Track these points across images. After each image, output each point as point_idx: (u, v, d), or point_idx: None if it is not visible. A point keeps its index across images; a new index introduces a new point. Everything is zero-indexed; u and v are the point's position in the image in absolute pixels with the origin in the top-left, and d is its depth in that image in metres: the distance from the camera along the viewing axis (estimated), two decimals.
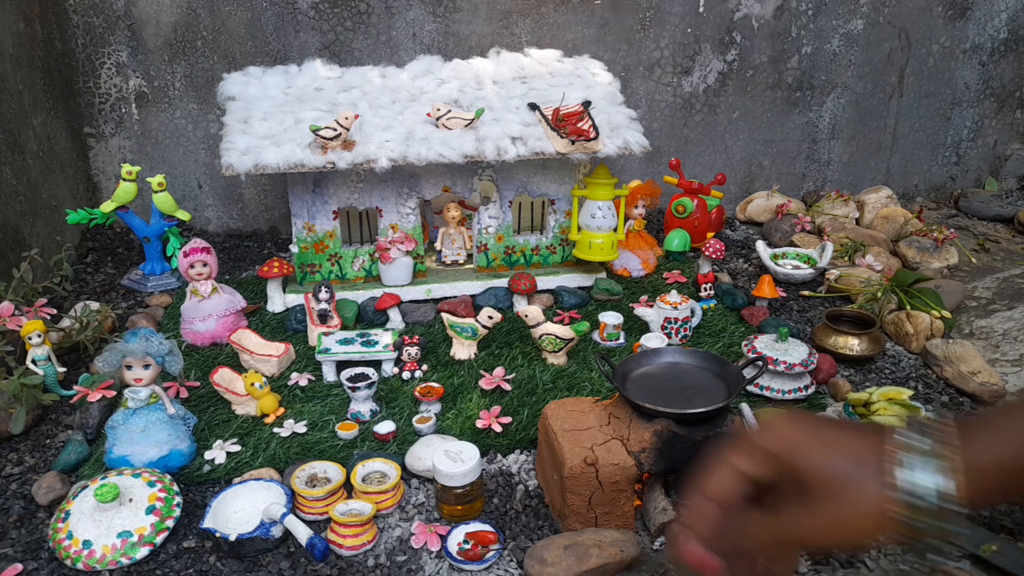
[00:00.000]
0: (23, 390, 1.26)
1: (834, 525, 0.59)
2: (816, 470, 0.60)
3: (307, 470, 1.13)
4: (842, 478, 0.59)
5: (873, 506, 0.58)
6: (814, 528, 0.60)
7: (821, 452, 0.60)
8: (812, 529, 0.61)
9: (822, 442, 0.61)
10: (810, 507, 0.60)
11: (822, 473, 0.60)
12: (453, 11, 2.00)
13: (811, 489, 0.60)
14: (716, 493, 0.64)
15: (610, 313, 1.55)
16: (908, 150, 2.42)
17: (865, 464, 0.58)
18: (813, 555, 1.02)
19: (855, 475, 0.58)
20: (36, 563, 1.01)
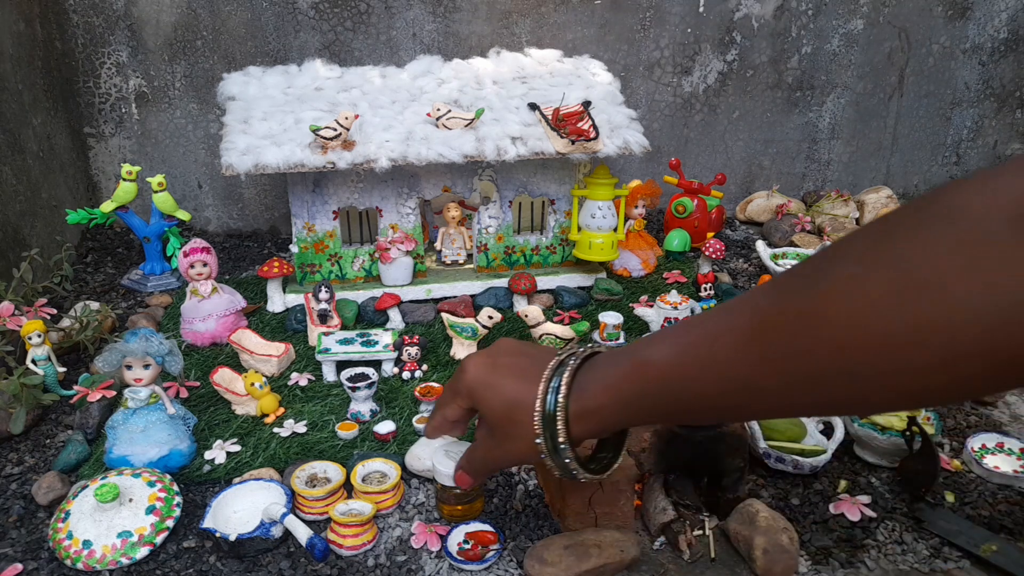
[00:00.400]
0: (23, 390, 1.26)
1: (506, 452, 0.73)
2: (488, 412, 0.73)
3: (307, 470, 1.13)
4: (506, 420, 0.71)
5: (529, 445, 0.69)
6: (494, 454, 0.75)
7: (494, 388, 0.72)
8: (493, 454, 0.75)
9: (496, 377, 0.72)
10: (490, 437, 0.74)
11: (492, 415, 0.72)
12: (453, 11, 2.00)
13: (488, 421, 0.73)
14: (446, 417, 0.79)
15: (610, 313, 1.55)
16: (908, 150, 2.42)
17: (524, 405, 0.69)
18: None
19: (515, 418, 0.70)
20: (36, 563, 1.01)
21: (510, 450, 0.74)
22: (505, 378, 0.72)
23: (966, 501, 1.13)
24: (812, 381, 0.49)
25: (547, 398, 0.67)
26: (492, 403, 0.72)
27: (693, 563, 1.02)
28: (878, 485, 1.16)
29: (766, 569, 0.97)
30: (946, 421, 1.32)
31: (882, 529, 1.07)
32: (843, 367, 0.47)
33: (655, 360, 0.60)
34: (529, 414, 0.68)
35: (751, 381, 0.53)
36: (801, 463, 1.14)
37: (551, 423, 0.67)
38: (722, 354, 0.54)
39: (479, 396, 0.74)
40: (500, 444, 0.74)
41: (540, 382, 0.68)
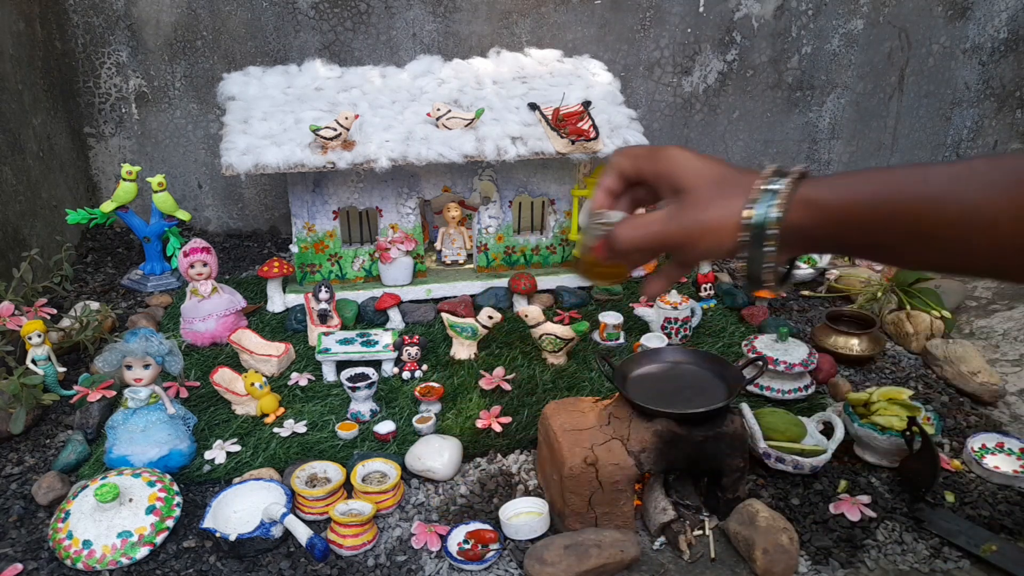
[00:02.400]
0: (23, 390, 1.26)
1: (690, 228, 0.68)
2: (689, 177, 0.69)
3: (307, 470, 1.13)
4: (713, 192, 0.68)
5: (730, 221, 0.66)
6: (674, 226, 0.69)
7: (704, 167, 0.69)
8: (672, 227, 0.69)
9: (708, 162, 0.69)
10: (678, 207, 0.69)
11: (695, 180, 0.68)
12: (453, 11, 2.00)
13: (681, 193, 0.69)
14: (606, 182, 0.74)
15: (610, 313, 1.55)
16: (908, 150, 2.42)
17: (735, 188, 0.67)
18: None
19: (724, 193, 0.67)
20: (36, 563, 1.01)
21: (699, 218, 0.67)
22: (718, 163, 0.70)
23: (966, 501, 1.13)
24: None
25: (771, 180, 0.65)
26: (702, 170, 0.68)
27: (693, 563, 1.02)
28: (878, 485, 1.16)
29: (766, 569, 0.97)
30: (946, 421, 1.32)
31: (882, 529, 1.07)
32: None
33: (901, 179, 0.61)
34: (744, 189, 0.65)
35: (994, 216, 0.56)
36: (801, 463, 1.14)
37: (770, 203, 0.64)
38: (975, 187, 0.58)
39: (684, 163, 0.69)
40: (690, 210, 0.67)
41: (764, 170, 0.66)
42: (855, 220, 0.63)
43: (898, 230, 0.61)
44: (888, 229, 0.62)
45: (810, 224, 0.64)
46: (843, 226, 0.63)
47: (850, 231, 0.64)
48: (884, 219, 0.61)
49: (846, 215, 0.63)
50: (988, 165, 0.58)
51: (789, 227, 0.64)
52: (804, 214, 0.64)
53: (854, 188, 0.63)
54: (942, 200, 0.58)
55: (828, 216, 0.64)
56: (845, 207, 0.63)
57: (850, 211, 0.62)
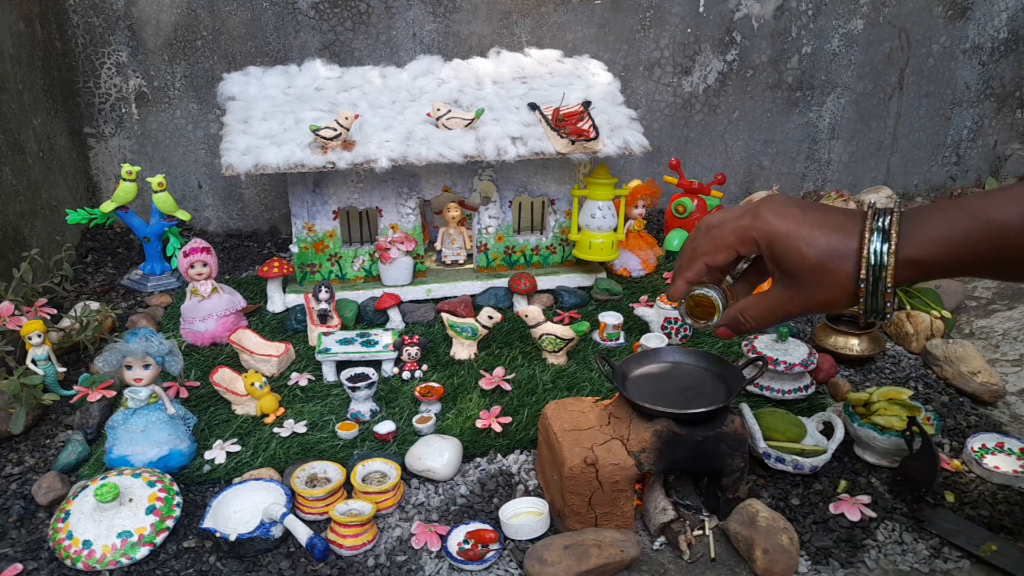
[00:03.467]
0: (23, 390, 1.26)
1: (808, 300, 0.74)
2: (795, 262, 0.72)
3: (307, 470, 1.13)
4: (820, 270, 0.71)
5: (845, 292, 0.71)
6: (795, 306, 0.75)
7: (803, 246, 0.72)
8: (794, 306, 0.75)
9: (805, 236, 0.72)
10: (791, 290, 0.74)
11: (801, 266, 0.72)
12: (453, 11, 2.00)
13: (790, 277, 0.73)
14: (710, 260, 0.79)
15: (610, 313, 1.55)
16: (908, 150, 2.42)
17: (843, 255, 0.71)
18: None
19: (831, 268, 0.71)
20: (36, 563, 1.01)
21: (816, 297, 0.73)
22: (816, 227, 0.72)
23: (966, 501, 1.13)
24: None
25: (873, 245, 0.69)
26: (804, 252, 0.72)
27: (693, 563, 1.02)
28: (878, 485, 1.16)
29: (766, 569, 0.97)
30: (946, 421, 1.32)
31: (882, 529, 1.07)
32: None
33: (1000, 219, 0.66)
34: (851, 260, 0.70)
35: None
36: (801, 463, 1.14)
37: (879, 269, 0.69)
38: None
39: (784, 246, 0.72)
40: (805, 293, 0.73)
41: (860, 231, 0.70)
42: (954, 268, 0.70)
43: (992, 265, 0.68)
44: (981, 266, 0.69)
45: (914, 277, 0.72)
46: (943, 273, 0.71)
47: (949, 273, 0.72)
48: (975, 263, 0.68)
49: (943, 267, 0.70)
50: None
51: (898, 283, 0.71)
52: (908, 273, 0.70)
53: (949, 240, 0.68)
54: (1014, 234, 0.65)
55: (928, 271, 0.70)
56: (941, 261, 0.69)
57: (947, 264, 0.69)
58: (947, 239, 0.68)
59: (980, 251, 0.67)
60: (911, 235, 0.70)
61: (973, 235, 0.67)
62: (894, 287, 0.70)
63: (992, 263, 0.68)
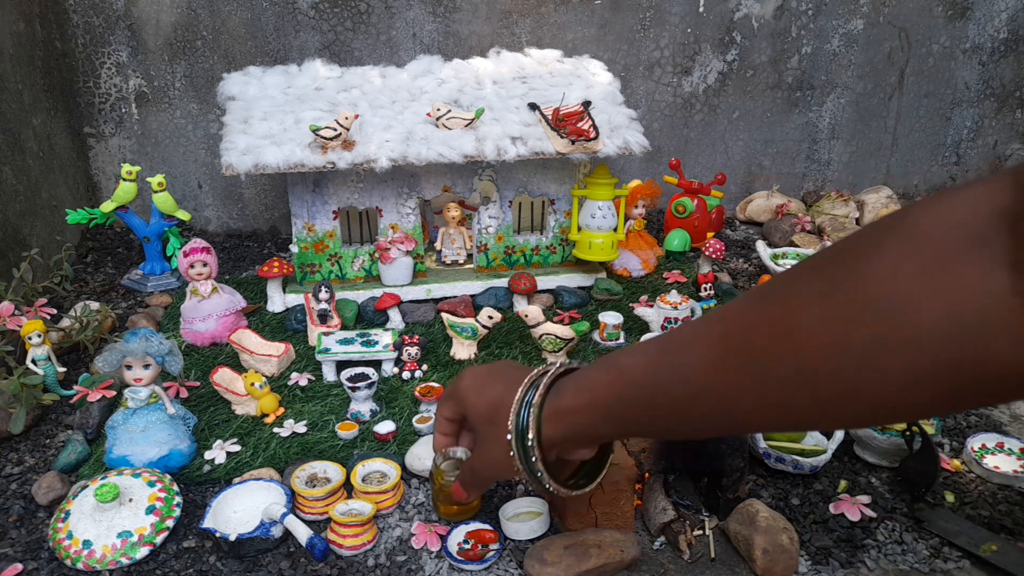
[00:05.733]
0: (23, 390, 1.26)
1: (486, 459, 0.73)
2: (473, 416, 0.74)
3: (307, 470, 1.13)
4: (487, 423, 0.72)
5: (504, 449, 0.70)
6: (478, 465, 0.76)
7: (480, 392, 0.74)
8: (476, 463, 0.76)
9: (484, 389, 0.74)
10: (476, 448, 0.76)
11: (476, 418, 0.74)
12: (453, 11, 2.00)
13: (473, 426, 0.75)
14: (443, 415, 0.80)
15: (610, 313, 1.55)
16: (908, 150, 2.42)
17: (502, 408, 0.70)
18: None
19: (494, 420, 0.71)
20: (36, 563, 1.01)
21: (488, 456, 0.74)
22: (493, 384, 0.74)
23: (966, 501, 1.13)
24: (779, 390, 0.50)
25: (526, 397, 0.69)
26: (478, 406, 0.74)
27: (693, 563, 1.02)
28: (878, 485, 1.16)
29: (766, 569, 0.97)
30: (946, 421, 1.32)
31: (882, 529, 1.07)
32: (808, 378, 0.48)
33: (628, 366, 0.61)
34: (506, 416, 0.69)
35: (721, 388, 0.53)
36: (801, 463, 1.14)
37: (523, 423, 0.68)
38: (694, 360, 0.55)
39: (467, 400, 0.76)
40: (481, 450, 0.75)
41: (521, 384, 0.70)
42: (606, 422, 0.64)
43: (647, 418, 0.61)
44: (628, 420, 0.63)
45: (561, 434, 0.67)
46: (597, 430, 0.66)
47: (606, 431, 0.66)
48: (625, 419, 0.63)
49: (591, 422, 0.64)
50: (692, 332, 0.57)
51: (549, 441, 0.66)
52: (553, 429, 0.67)
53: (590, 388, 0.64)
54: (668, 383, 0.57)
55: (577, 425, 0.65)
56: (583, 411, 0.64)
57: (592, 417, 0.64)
58: (585, 387, 0.64)
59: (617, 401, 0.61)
60: (559, 387, 0.67)
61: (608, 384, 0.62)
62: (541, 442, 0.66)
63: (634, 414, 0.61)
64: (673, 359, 0.57)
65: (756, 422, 0.57)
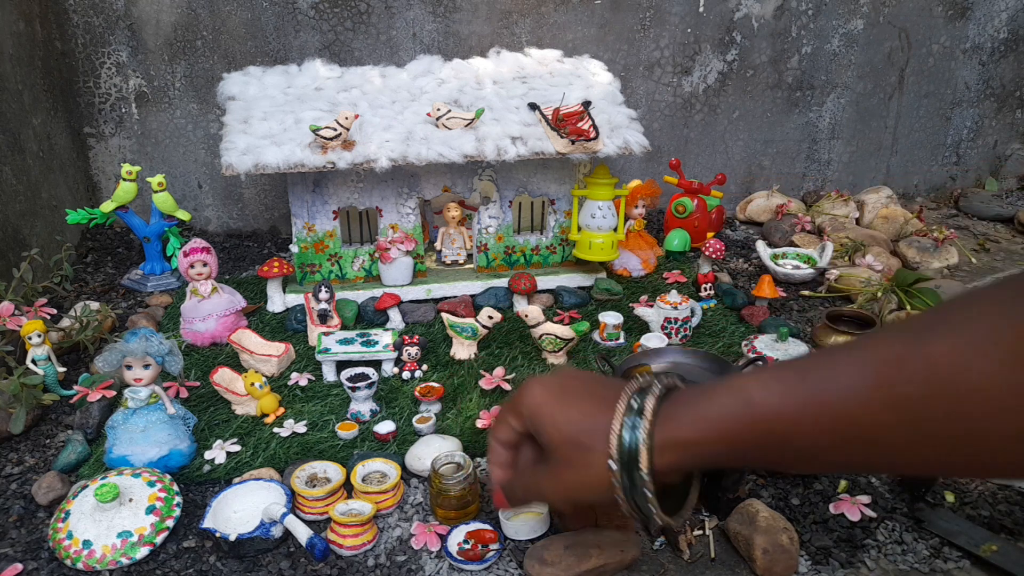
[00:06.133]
0: (23, 390, 1.26)
1: (564, 483, 0.65)
2: (551, 436, 0.64)
3: (307, 470, 1.13)
4: (572, 446, 0.63)
5: (597, 475, 0.61)
6: (551, 488, 0.66)
7: (561, 410, 0.64)
8: (550, 488, 0.66)
9: (561, 408, 0.64)
10: (550, 468, 0.65)
11: (555, 439, 0.64)
12: (453, 11, 2.00)
13: (549, 452, 0.65)
14: (498, 439, 0.71)
15: (610, 313, 1.55)
16: (908, 150, 2.42)
17: (596, 431, 0.61)
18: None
19: (584, 443, 0.62)
20: (36, 563, 1.01)
21: (571, 480, 0.64)
22: (576, 401, 0.64)
23: (966, 501, 1.13)
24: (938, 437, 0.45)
25: (625, 425, 0.60)
26: (559, 425, 0.64)
27: (693, 563, 1.02)
28: (878, 485, 1.16)
29: (766, 569, 0.97)
30: None
31: (882, 529, 1.07)
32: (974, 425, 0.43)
33: (761, 401, 0.55)
34: (602, 440, 0.60)
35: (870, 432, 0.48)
36: None
37: (632, 452, 0.59)
38: (838, 400, 0.50)
39: (542, 418, 0.65)
40: (560, 472, 0.64)
41: (617, 404, 0.61)
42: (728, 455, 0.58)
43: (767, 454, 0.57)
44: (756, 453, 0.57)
45: (681, 463, 0.60)
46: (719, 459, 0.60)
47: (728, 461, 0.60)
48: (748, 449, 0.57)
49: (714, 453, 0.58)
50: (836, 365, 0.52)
51: (661, 472, 0.60)
52: (670, 458, 0.59)
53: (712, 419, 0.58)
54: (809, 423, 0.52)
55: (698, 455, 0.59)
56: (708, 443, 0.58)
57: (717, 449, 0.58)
58: (711, 418, 0.57)
59: (747, 436, 0.56)
60: (672, 413, 0.59)
61: (736, 417, 0.56)
62: (654, 476, 0.59)
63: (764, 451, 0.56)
64: (816, 398, 0.52)
65: (903, 465, 0.52)
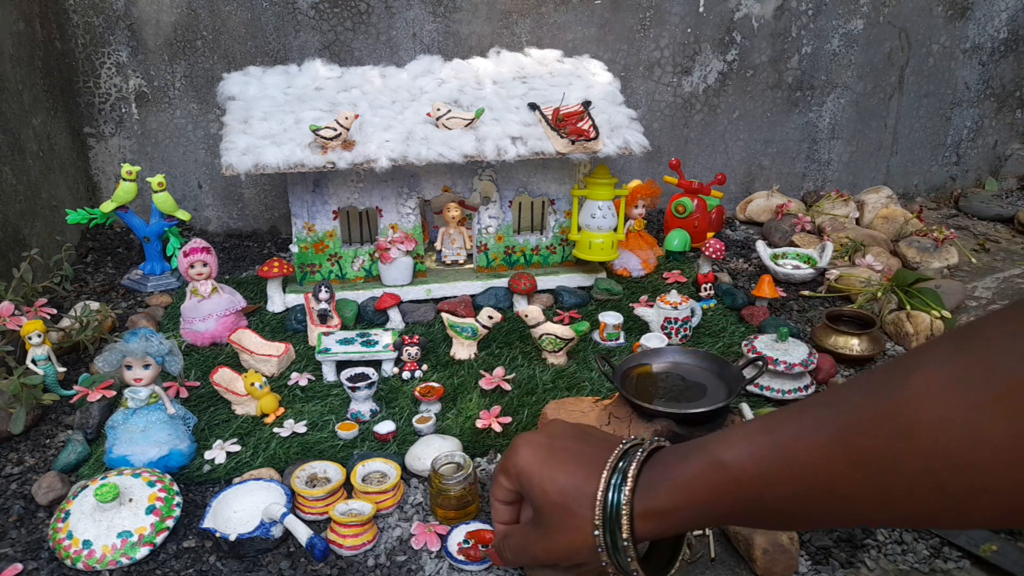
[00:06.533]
0: (23, 390, 1.26)
1: (552, 544, 0.65)
2: (538, 498, 0.65)
3: (307, 470, 1.13)
4: (559, 509, 0.64)
5: (583, 539, 0.62)
6: (538, 545, 0.67)
7: (548, 473, 0.65)
8: (537, 545, 0.67)
9: (549, 469, 0.65)
10: (535, 526, 0.67)
11: (543, 502, 0.65)
12: (453, 11, 2.00)
13: (537, 514, 0.66)
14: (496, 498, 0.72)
15: (610, 313, 1.55)
16: (908, 150, 2.42)
17: (582, 495, 0.63)
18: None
19: (571, 508, 0.63)
20: (36, 563, 1.01)
21: (558, 543, 0.65)
22: (562, 463, 0.66)
23: None
24: (904, 491, 0.46)
25: (610, 492, 0.61)
26: (545, 488, 0.65)
27: (693, 563, 1.02)
28: None
29: (766, 569, 0.97)
30: None
31: (882, 529, 1.07)
32: (938, 479, 0.44)
33: (730, 462, 0.56)
34: (588, 506, 0.62)
35: (837, 488, 0.49)
36: None
37: (614, 519, 0.61)
38: (804, 457, 0.51)
39: (530, 480, 0.66)
40: (547, 535, 0.65)
41: (603, 472, 0.62)
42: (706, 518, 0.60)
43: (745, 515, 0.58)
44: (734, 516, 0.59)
45: (660, 530, 0.61)
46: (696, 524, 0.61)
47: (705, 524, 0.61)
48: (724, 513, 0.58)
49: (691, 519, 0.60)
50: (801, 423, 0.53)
51: (640, 538, 0.61)
52: (648, 526, 0.61)
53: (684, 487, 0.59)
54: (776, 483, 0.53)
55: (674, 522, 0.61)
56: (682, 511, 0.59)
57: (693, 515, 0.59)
58: (683, 485, 0.59)
59: (719, 499, 0.57)
60: (650, 481, 0.61)
61: (707, 480, 0.57)
62: (635, 540, 0.61)
63: (740, 511, 0.57)
64: (780, 455, 0.53)
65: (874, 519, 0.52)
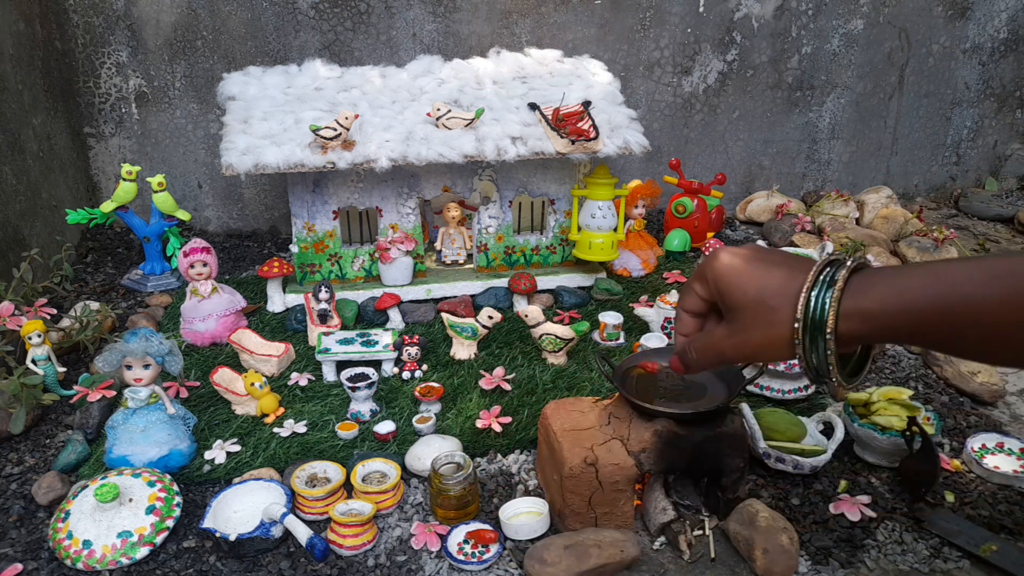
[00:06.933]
0: (23, 390, 1.26)
1: (746, 339, 0.70)
2: (736, 297, 0.70)
3: (307, 470, 1.13)
4: (758, 304, 0.68)
5: (779, 335, 0.67)
6: (731, 346, 0.71)
7: (749, 273, 0.69)
8: (729, 347, 0.71)
9: (750, 272, 0.70)
10: (730, 328, 0.71)
11: (741, 300, 0.69)
12: (453, 11, 2.00)
13: (732, 313, 0.70)
14: (685, 308, 0.76)
15: (610, 313, 1.55)
16: (908, 150, 2.42)
17: (784, 293, 0.67)
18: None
19: (770, 304, 0.68)
20: (36, 563, 1.01)
21: (752, 337, 0.69)
22: (764, 266, 0.69)
23: (966, 501, 1.13)
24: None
25: (815, 290, 0.65)
26: (745, 287, 0.69)
27: (693, 563, 1.02)
28: (878, 485, 1.16)
29: (766, 569, 0.97)
30: (946, 421, 1.32)
31: (882, 529, 1.07)
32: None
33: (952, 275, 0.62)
34: (789, 302, 0.66)
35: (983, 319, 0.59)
36: (801, 463, 1.14)
37: (818, 315, 0.65)
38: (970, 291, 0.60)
39: (728, 282, 0.70)
40: (741, 330, 0.69)
41: (809, 272, 0.66)
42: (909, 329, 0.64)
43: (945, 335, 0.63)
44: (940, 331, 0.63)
45: (863, 332, 0.65)
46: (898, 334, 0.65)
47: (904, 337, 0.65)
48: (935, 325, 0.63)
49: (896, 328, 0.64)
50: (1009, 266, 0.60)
51: (842, 337, 0.65)
52: (853, 326, 0.65)
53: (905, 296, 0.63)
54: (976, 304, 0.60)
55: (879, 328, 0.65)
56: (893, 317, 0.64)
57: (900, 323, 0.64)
58: (903, 294, 0.63)
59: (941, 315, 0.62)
60: (863, 286, 0.65)
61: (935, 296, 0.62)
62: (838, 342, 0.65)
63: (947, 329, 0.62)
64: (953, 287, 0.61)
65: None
